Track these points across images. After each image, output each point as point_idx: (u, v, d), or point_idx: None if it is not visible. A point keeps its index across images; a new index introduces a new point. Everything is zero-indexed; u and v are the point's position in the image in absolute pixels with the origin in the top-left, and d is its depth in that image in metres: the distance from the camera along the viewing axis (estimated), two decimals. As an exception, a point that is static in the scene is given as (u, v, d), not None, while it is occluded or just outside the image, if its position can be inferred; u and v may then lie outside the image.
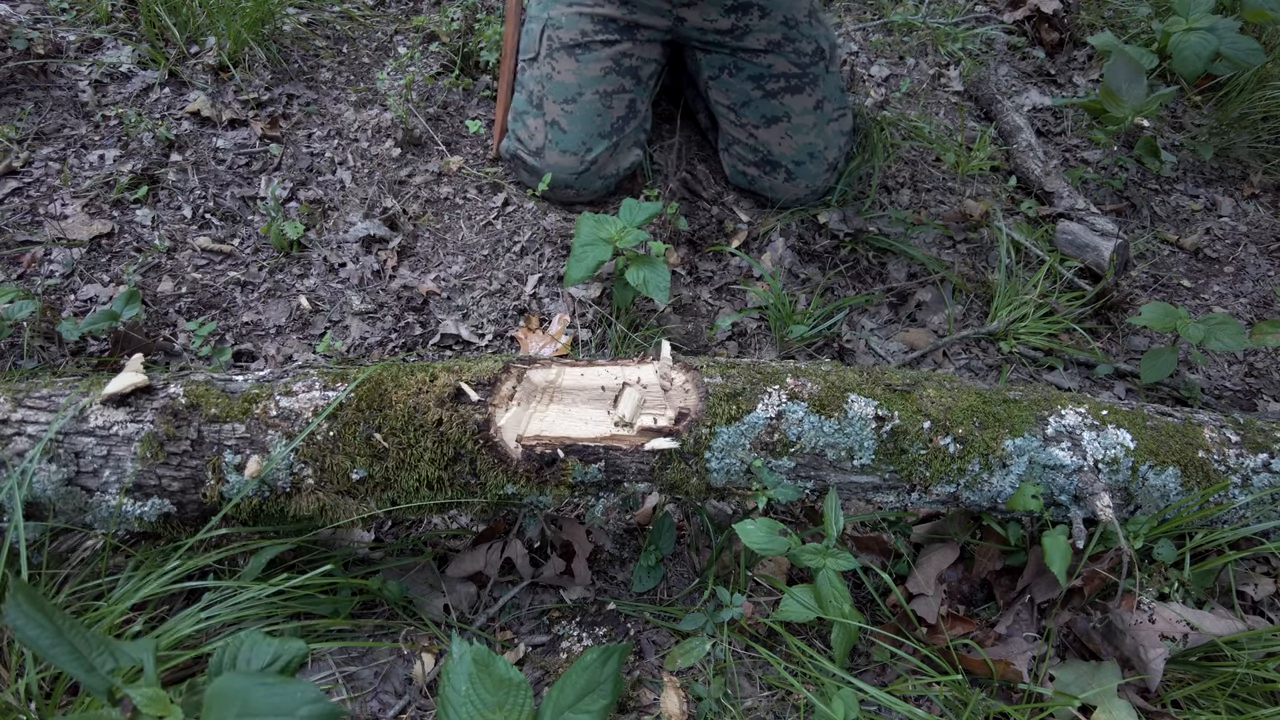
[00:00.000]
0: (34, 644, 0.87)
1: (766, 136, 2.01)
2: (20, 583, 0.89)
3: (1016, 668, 1.33)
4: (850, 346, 1.91)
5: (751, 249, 2.06)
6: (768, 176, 2.06)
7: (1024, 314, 1.96)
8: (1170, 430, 1.41)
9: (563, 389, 1.29)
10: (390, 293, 1.89)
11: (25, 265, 1.80)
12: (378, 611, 1.41)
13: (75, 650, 0.88)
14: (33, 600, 0.88)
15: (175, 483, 1.24)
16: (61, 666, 0.87)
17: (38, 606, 0.88)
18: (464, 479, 1.26)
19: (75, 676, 0.87)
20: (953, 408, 1.34)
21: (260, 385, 1.28)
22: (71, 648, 0.88)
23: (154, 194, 1.96)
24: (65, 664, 0.87)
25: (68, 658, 0.88)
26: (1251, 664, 1.32)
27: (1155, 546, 1.42)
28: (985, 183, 2.29)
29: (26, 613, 0.88)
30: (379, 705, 1.29)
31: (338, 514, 1.26)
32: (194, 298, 1.82)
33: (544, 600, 1.46)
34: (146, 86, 2.12)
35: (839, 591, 1.29)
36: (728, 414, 1.28)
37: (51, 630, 0.88)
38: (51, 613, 0.89)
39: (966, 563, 1.51)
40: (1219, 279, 2.22)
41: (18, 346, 1.65)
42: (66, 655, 0.88)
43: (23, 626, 0.87)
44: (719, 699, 1.30)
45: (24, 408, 1.24)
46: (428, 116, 2.19)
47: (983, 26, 2.72)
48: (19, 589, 0.88)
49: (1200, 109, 2.60)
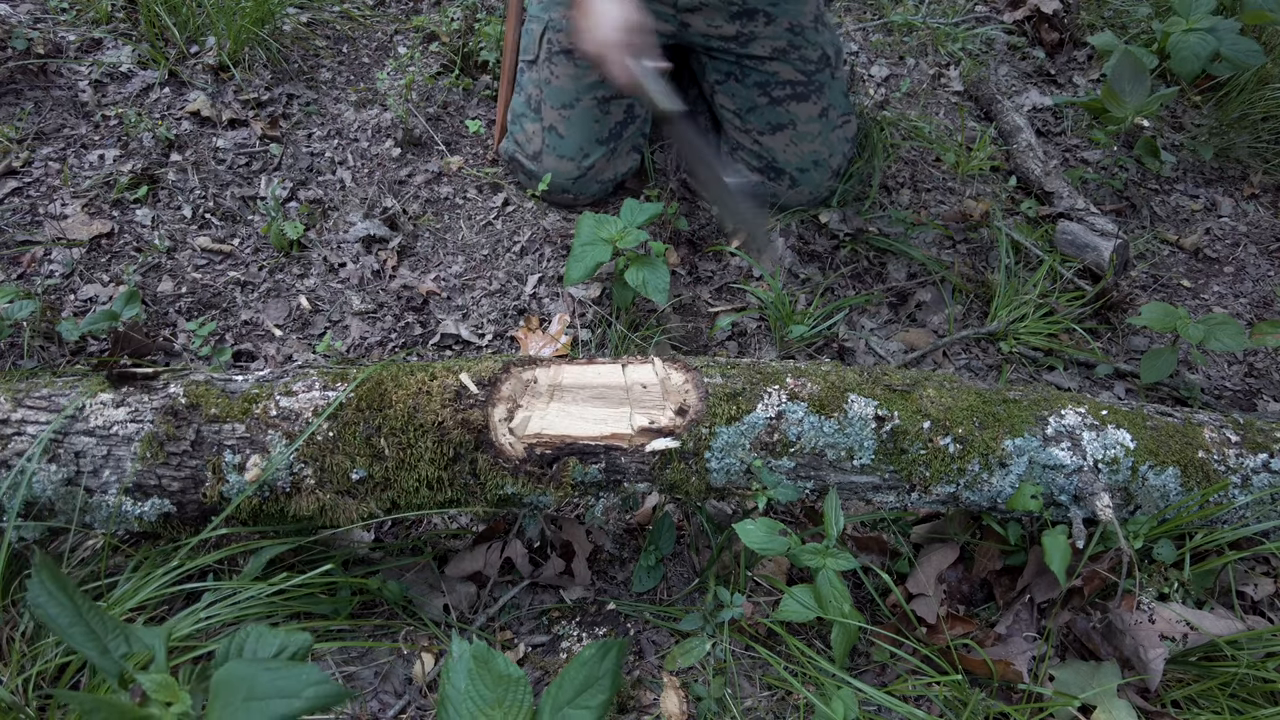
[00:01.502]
0: (54, 622, 0.88)
1: (771, 143, 2.01)
2: (44, 559, 0.90)
3: (1016, 668, 1.33)
4: (850, 346, 1.91)
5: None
6: (772, 183, 2.05)
7: (1024, 314, 1.96)
8: (1170, 430, 1.41)
9: (563, 388, 1.29)
10: (390, 293, 1.89)
11: (25, 265, 1.80)
12: (378, 611, 1.41)
13: (92, 632, 0.89)
14: (56, 579, 0.90)
15: (175, 482, 1.24)
16: (77, 646, 0.88)
17: (61, 585, 0.90)
18: (464, 479, 1.26)
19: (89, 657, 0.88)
20: (953, 408, 1.34)
21: (260, 385, 1.29)
22: (88, 628, 0.89)
23: (154, 194, 1.96)
24: (81, 644, 0.88)
25: (84, 638, 0.89)
26: (1251, 664, 1.32)
27: (1155, 546, 1.42)
28: (985, 183, 2.29)
29: (50, 590, 0.89)
30: (379, 705, 1.29)
31: (338, 514, 1.26)
32: (194, 298, 1.82)
33: (544, 600, 1.46)
34: (146, 86, 2.12)
35: (839, 591, 1.29)
36: (728, 414, 1.28)
37: (71, 610, 0.89)
38: (73, 593, 0.90)
39: (966, 563, 1.51)
40: (1219, 279, 2.22)
41: (18, 346, 1.65)
42: (83, 636, 0.89)
43: (45, 604, 0.88)
44: (719, 699, 1.30)
45: (24, 407, 1.24)
46: (428, 116, 2.19)
47: (983, 26, 2.72)
48: (43, 566, 0.89)
49: (1200, 109, 2.60)
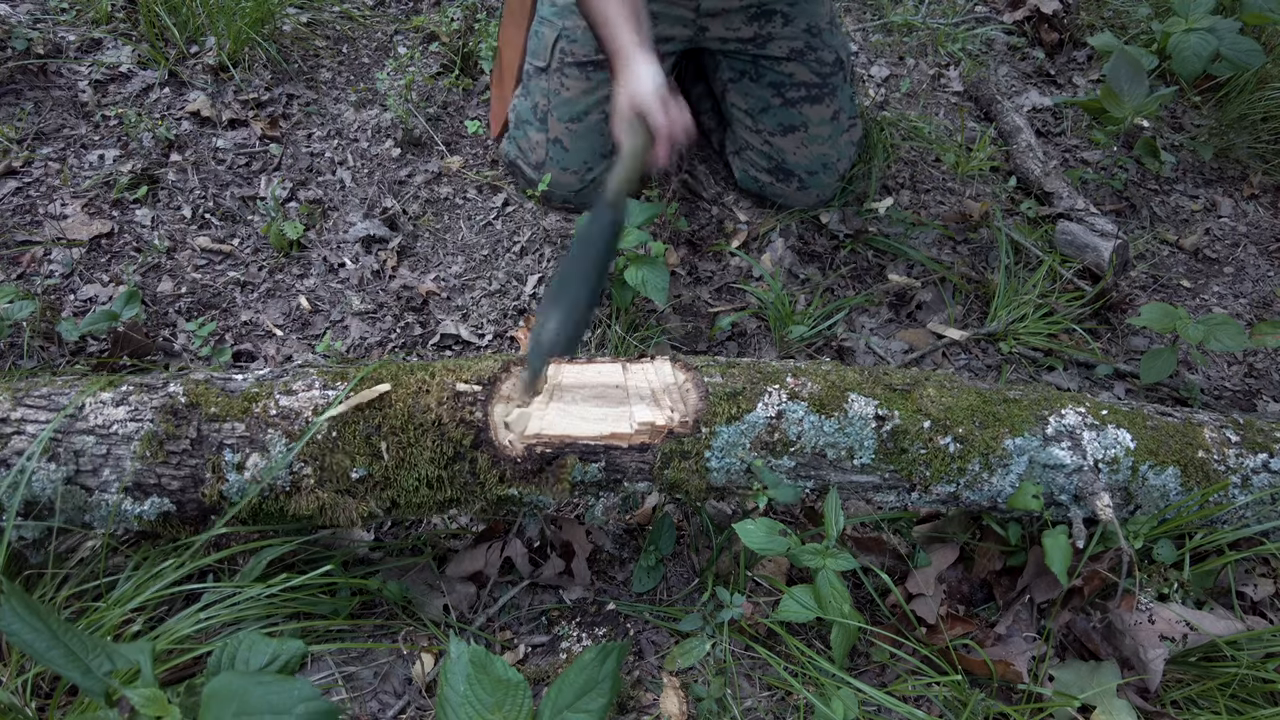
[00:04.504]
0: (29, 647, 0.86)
1: (782, 144, 2.00)
2: (13, 587, 0.88)
3: (1016, 668, 1.33)
4: (850, 346, 1.90)
5: (751, 249, 2.06)
6: (780, 184, 2.05)
7: (1024, 314, 1.96)
8: (1170, 430, 1.41)
9: (562, 388, 1.29)
10: (390, 293, 1.89)
11: (25, 265, 1.80)
12: (377, 611, 1.41)
13: (71, 653, 0.87)
14: (26, 604, 0.88)
15: (175, 481, 1.24)
16: (58, 670, 0.86)
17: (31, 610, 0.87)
18: (464, 478, 1.26)
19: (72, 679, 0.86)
20: (953, 407, 1.34)
21: (260, 384, 1.28)
22: (67, 650, 0.87)
23: (154, 194, 1.96)
24: (61, 667, 0.86)
25: (64, 660, 0.87)
26: (1251, 664, 1.32)
27: (1155, 546, 1.42)
28: (985, 183, 2.29)
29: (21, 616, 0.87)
30: (378, 705, 1.29)
31: (337, 513, 1.26)
32: (194, 298, 1.82)
33: (543, 600, 1.46)
34: (146, 86, 2.12)
35: (838, 591, 1.29)
36: (728, 413, 1.28)
37: (47, 634, 0.87)
38: (46, 616, 0.88)
39: (966, 563, 1.51)
40: (1219, 279, 2.22)
41: (17, 346, 1.65)
42: (62, 658, 0.87)
43: (18, 630, 0.86)
44: (719, 699, 1.30)
45: (24, 406, 1.24)
46: (428, 116, 2.19)
47: (983, 27, 2.73)
48: (12, 593, 0.87)
49: (1200, 109, 2.60)
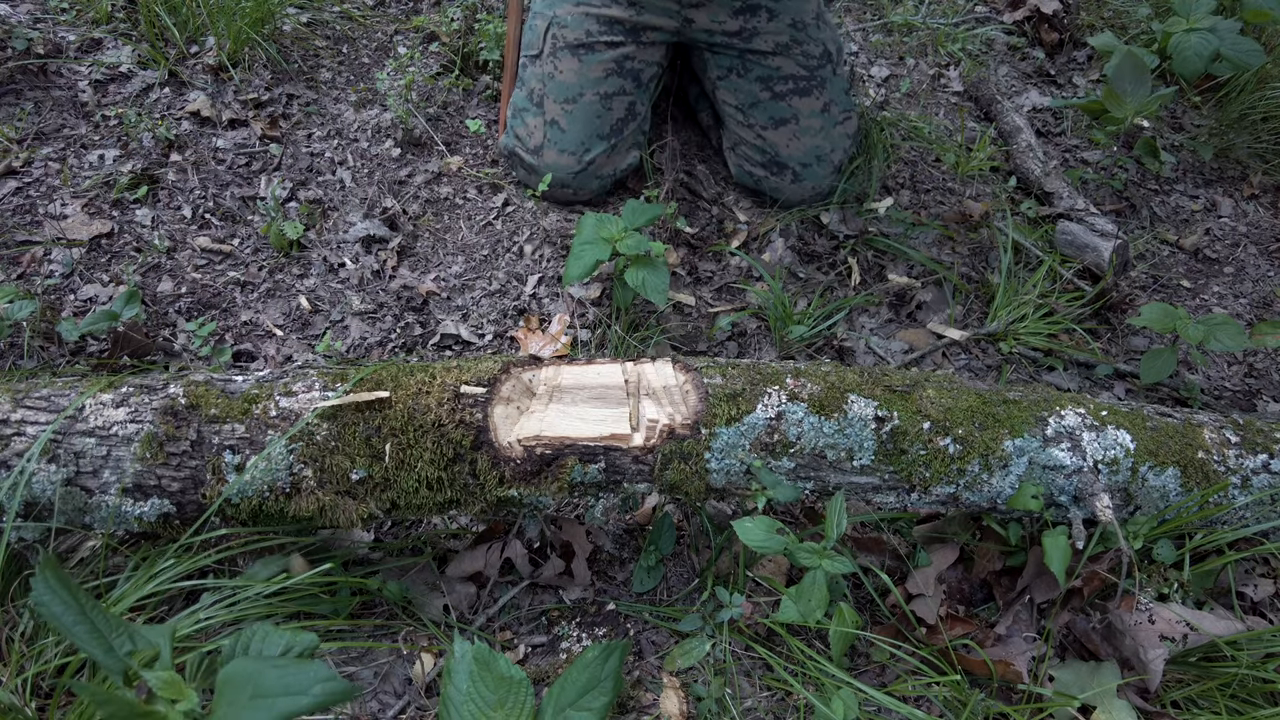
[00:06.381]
0: (57, 620, 0.87)
1: (774, 138, 2.01)
2: (48, 558, 0.89)
3: (1016, 668, 1.33)
4: (850, 347, 1.90)
5: (751, 249, 2.06)
6: (775, 177, 2.06)
7: (1024, 314, 1.96)
8: (1170, 431, 1.41)
9: (562, 389, 1.29)
10: (390, 293, 1.89)
11: (25, 265, 1.80)
12: (377, 611, 1.41)
13: (96, 630, 0.89)
14: (59, 578, 0.89)
15: (175, 483, 1.24)
16: (81, 645, 0.88)
17: (64, 584, 0.89)
18: (464, 479, 1.26)
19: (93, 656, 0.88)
20: (953, 408, 1.34)
21: (260, 385, 1.28)
22: (92, 627, 0.89)
23: (154, 194, 1.96)
24: (85, 643, 0.88)
25: (88, 637, 0.88)
26: (1251, 664, 1.32)
27: (1155, 547, 1.42)
28: (985, 183, 2.29)
29: (53, 589, 0.89)
30: (379, 705, 1.29)
31: (337, 514, 1.26)
32: (194, 298, 1.82)
33: (544, 600, 1.46)
34: (146, 86, 2.12)
35: (820, 591, 1.28)
36: (727, 414, 1.28)
37: (75, 608, 0.89)
38: (76, 591, 0.90)
39: (966, 563, 1.51)
40: (1219, 279, 2.22)
41: (17, 346, 1.65)
42: (87, 634, 0.88)
43: (49, 603, 0.88)
44: (719, 699, 1.30)
45: (24, 408, 1.24)
46: (428, 116, 2.19)
47: (983, 27, 2.72)
48: (46, 565, 0.89)
49: (1200, 109, 2.60)
